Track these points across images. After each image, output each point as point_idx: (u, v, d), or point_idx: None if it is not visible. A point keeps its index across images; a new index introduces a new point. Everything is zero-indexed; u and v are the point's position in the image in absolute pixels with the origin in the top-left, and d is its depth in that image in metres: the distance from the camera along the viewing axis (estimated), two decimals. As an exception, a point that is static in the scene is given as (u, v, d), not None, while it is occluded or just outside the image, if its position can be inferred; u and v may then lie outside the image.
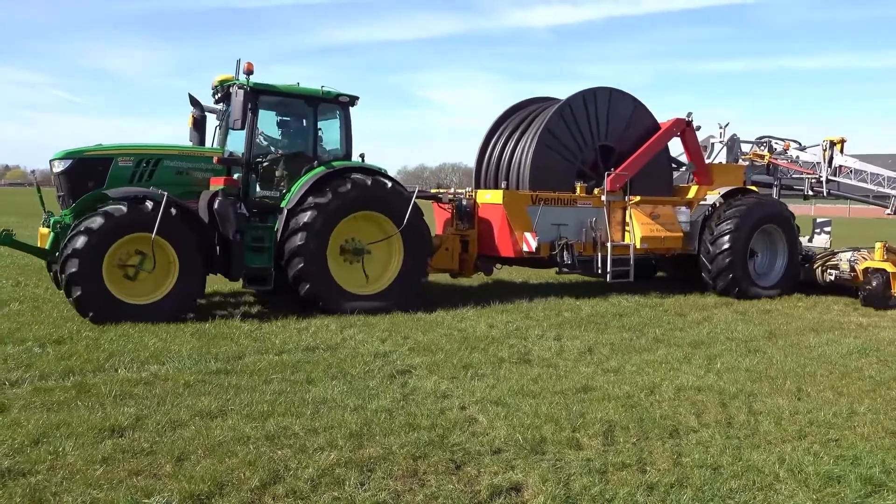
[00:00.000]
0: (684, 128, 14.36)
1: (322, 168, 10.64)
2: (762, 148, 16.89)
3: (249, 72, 10.10)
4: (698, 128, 14.53)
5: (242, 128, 10.09)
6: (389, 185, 10.89)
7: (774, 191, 16.70)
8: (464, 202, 12.56)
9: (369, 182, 10.69)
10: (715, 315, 11.49)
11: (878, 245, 13.36)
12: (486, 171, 14.14)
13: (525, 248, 12.00)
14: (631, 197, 13.27)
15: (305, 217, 10.17)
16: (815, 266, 14.38)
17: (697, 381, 7.27)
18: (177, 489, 4.37)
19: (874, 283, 12.80)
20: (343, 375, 7.08)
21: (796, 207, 16.70)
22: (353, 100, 11.19)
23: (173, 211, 9.43)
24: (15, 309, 9.86)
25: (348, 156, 11.21)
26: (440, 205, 12.95)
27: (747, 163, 16.41)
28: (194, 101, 11.41)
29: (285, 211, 10.30)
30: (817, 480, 4.88)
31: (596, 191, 13.12)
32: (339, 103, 11.12)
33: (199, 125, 11.34)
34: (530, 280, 15.36)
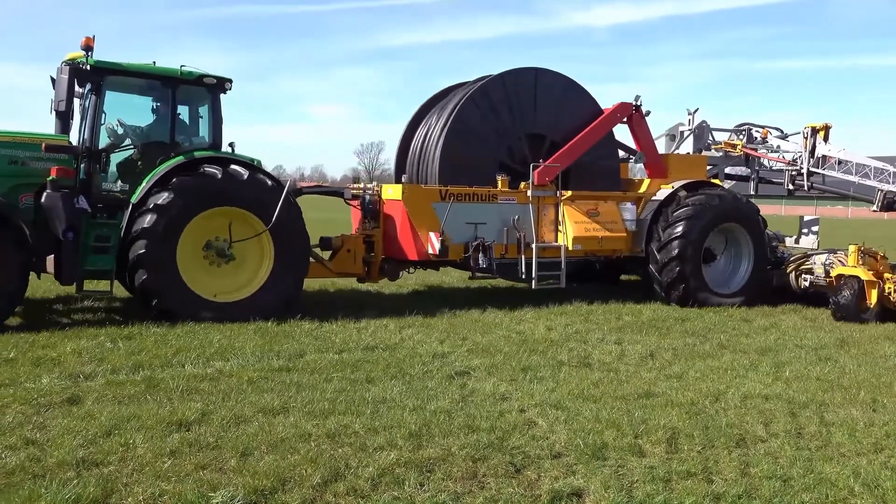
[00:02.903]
0: (631, 113, 12.78)
1: (179, 158, 9.49)
2: (740, 136, 15.33)
3: (88, 47, 8.95)
4: (647, 113, 12.96)
5: (66, 111, 9.00)
6: (246, 176, 9.50)
7: (751, 185, 15.35)
8: (367, 198, 11.27)
9: (219, 175, 9.33)
10: (783, 321, 11.11)
11: (851, 248, 11.63)
12: (410, 165, 12.69)
13: (430, 251, 10.81)
14: (563, 192, 11.86)
15: (146, 221, 8.96)
16: (789, 270, 12.81)
17: (765, 389, 7.04)
18: (241, 483, 4.46)
19: (846, 293, 11.09)
20: (402, 375, 7.11)
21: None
22: (221, 82, 9.97)
23: None
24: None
25: (216, 146, 10.04)
26: (348, 202, 11.69)
27: (720, 153, 15.03)
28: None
29: (131, 207, 9.22)
30: (895, 496, 4.66)
31: (522, 185, 11.70)
32: (203, 86, 9.89)
33: (63, 111, 9.40)
34: (588, 283, 15.12)
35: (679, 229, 11.93)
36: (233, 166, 9.56)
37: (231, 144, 10.28)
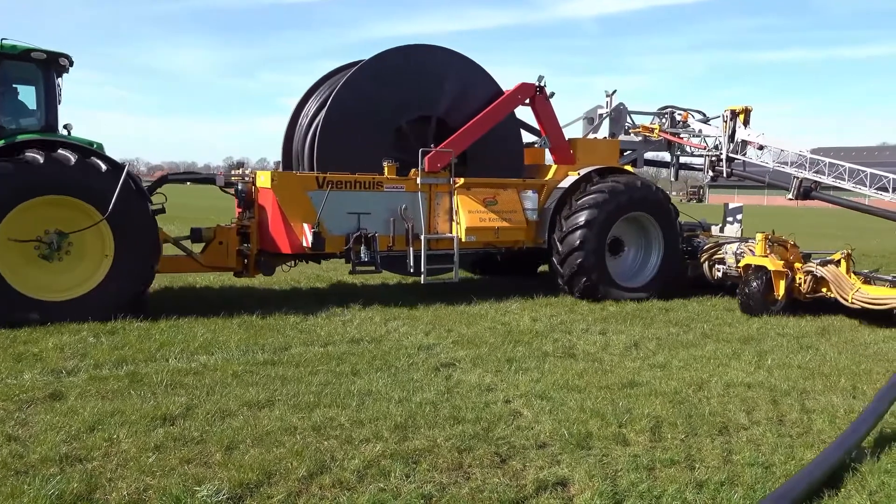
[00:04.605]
0: (533, 95, 11.94)
1: None
2: (662, 120, 14.71)
3: None
4: (552, 94, 12.18)
5: None
6: (74, 161, 8.52)
7: (672, 171, 15.02)
8: (241, 186, 10.39)
9: (41, 160, 8.38)
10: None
11: (758, 236, 11.03)
12: (295, 150, 11.89)
13: (304, 243, 10.00)
14: (455, 179, 11.04)
15: None
16: (703, 260, 12.34)
17: (747, 378, 7.12)
18: (227, 477, 4.45)
19: (753, 284, 10.60)
20: (387, 367, 7.12)
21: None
22: (55, 58, 9.08)
23: None
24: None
25: (50, 127, 9.16)
26: (223, 190, 10.74)
27: (639, 138, 14.39)
28: None
29: None
30: (874, 481, 4.73)
31: (412, 172, 10.84)
32: (32, 61, 8.97)
33: None
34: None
35: (581, 219, 11.26)
36: (60, 150, 8.61)
37: (67, 126, 9.37)
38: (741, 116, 14.09)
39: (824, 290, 10.54)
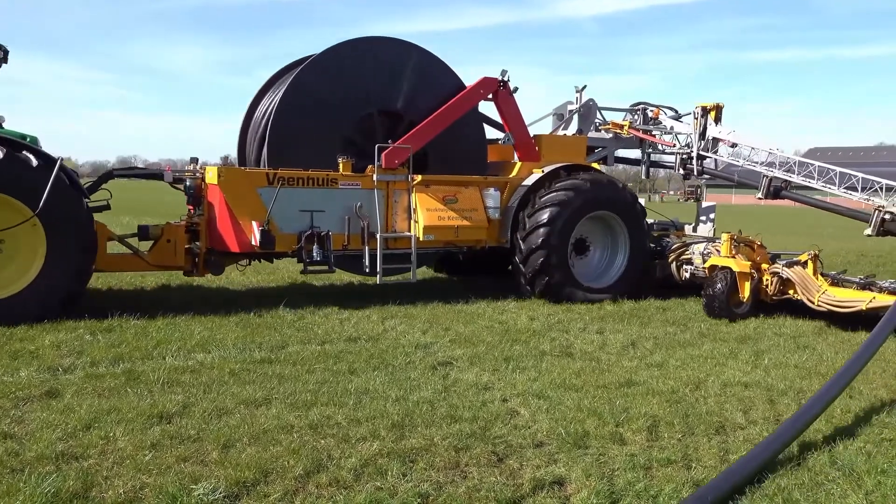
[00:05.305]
0: (496, 89, 11.59)
1: None
2: (635, 117, 14.41)
3: None
4: (515, 89, 11.82)
5: None
6: (2, 155, 8.16)
7: (643, 169, 14.74)
8: (188, 183, 9.98)
9: None
10: (761, 309, 11.20)
11: (724, 236, 10.76)
12: (249, 146, 11.56)
13: (253, 241, 9.70)
14: (414, 176, 10.72)
15: None
16: (671, 260, 12.09)
17: (744, 377, 7.13)
18: (223, 476, 4.44)
19: (718, 286, 10.26)
20: (385, 366, 7.11)
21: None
22: None
23: None
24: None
25: None
26: (173, 186, 10.35)
27: (610, 135, 14.11)
28: None
29: None
30: (870, 481, 4.74)
31: (369, 169, 10.50)
32: None
33: None
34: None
35: (544, 217, 10.93)
36: None
37: None
38: (712, 113, 13.82)
39: (791, 291, 10.29)
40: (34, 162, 8.37)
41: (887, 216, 12.08)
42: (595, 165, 12.74)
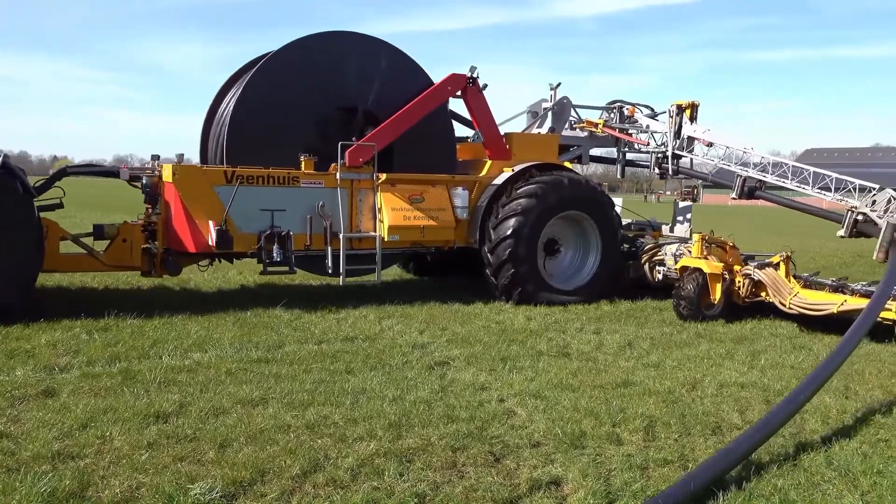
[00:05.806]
0: (465, 87, 11.31)
1: None
2: (611, 115, 14.22)
3: None
4: (485, 86, 11.54)
5: None
6: None
7: (618, 168, 14.53)
8: (145, 181, 9.64)
9: None
10: (758, 310, 11.22)
11: (695, 237, 10.55)
12: (211, 144, 11.28)
13: (210, 241, 9.44)
14: (379, 175, 10.45)
15: None
16: (644, 261, 11.91)
17: (741, 378, 7.14)
18: (220, 475, 4.44)
19: (689, 287, 10.05)
20: (382, 366, 7.11)
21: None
22: None
23: None
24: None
25: None
26: (130, 183, 10.05)
27: (585, 133, 13.95)
28: None
29: None
30: (866, 481, 4.75)
31: (332, 167, 10.27)
32: None
33: None
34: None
35: (509, 227, 10.67)
36: None
37: None
38: (687, 112, 13.70)
39: (763, 294, 10.11)
40: None
41: (860, 217, 12.02)
42: (568, 164, 12.57)
